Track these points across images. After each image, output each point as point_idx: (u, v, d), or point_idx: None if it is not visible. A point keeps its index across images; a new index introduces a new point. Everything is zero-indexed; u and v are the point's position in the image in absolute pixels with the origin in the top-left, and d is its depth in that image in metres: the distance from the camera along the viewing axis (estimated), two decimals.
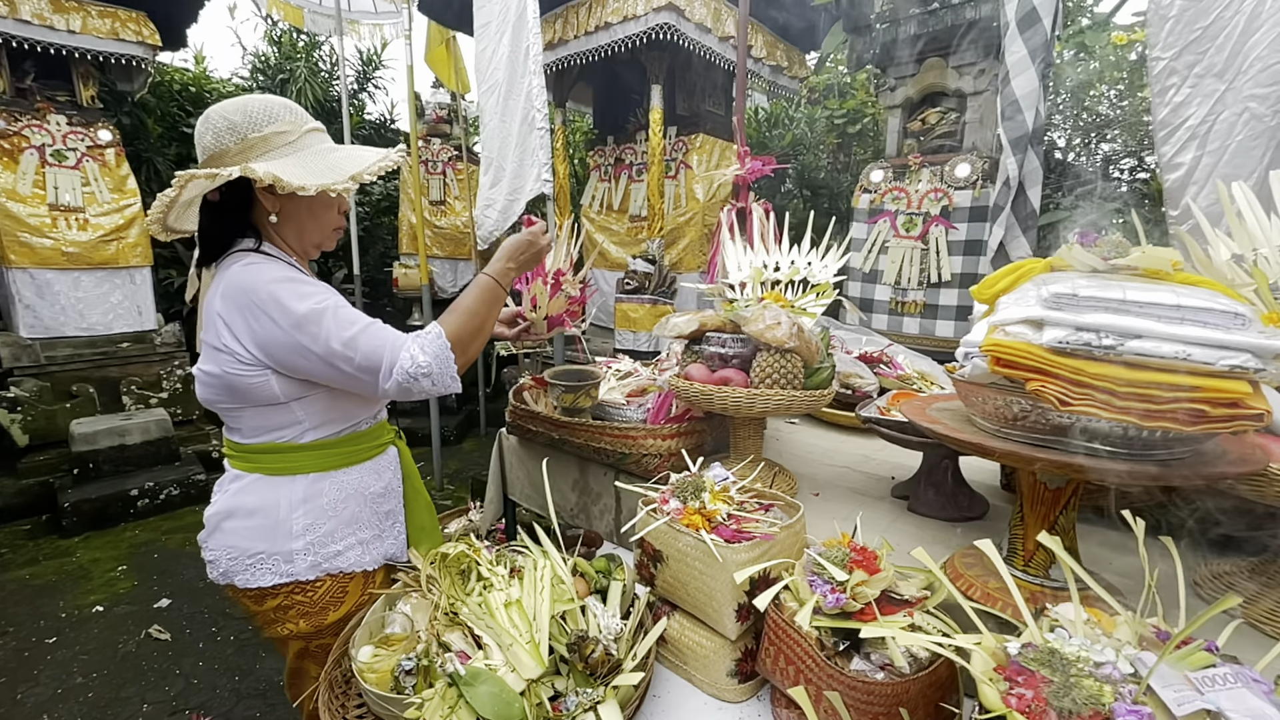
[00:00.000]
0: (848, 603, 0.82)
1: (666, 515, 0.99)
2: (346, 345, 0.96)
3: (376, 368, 0.97)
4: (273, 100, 1.02)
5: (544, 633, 0.86)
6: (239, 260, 1.00)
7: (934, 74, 2.86)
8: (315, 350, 0.95)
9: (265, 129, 0.99)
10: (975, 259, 2.77)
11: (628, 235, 4.37)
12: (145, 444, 3.79)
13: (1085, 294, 0.69)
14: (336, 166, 0.99)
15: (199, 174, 0.92)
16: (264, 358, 0.97)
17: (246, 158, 0.98)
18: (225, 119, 0.98)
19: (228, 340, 0.97)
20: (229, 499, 1.06)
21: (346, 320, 0.97)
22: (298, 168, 0.96)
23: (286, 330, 0.95)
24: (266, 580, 1.07)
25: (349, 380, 0.99)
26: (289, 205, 1.04)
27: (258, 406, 1.02)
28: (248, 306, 0.95)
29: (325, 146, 1.04)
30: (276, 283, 0.96)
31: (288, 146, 1.00)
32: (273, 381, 0.99)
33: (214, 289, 0.99)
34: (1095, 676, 0.60)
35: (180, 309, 5.24)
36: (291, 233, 1.08)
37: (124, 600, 2.73)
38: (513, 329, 1.55)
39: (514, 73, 2.77)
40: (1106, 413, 0.67)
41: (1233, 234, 1.04)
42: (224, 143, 0.98)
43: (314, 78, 5.59)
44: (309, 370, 0.98)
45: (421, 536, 1.28)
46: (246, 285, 0.96)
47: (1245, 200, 1.04)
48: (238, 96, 1.05)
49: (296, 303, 0.95)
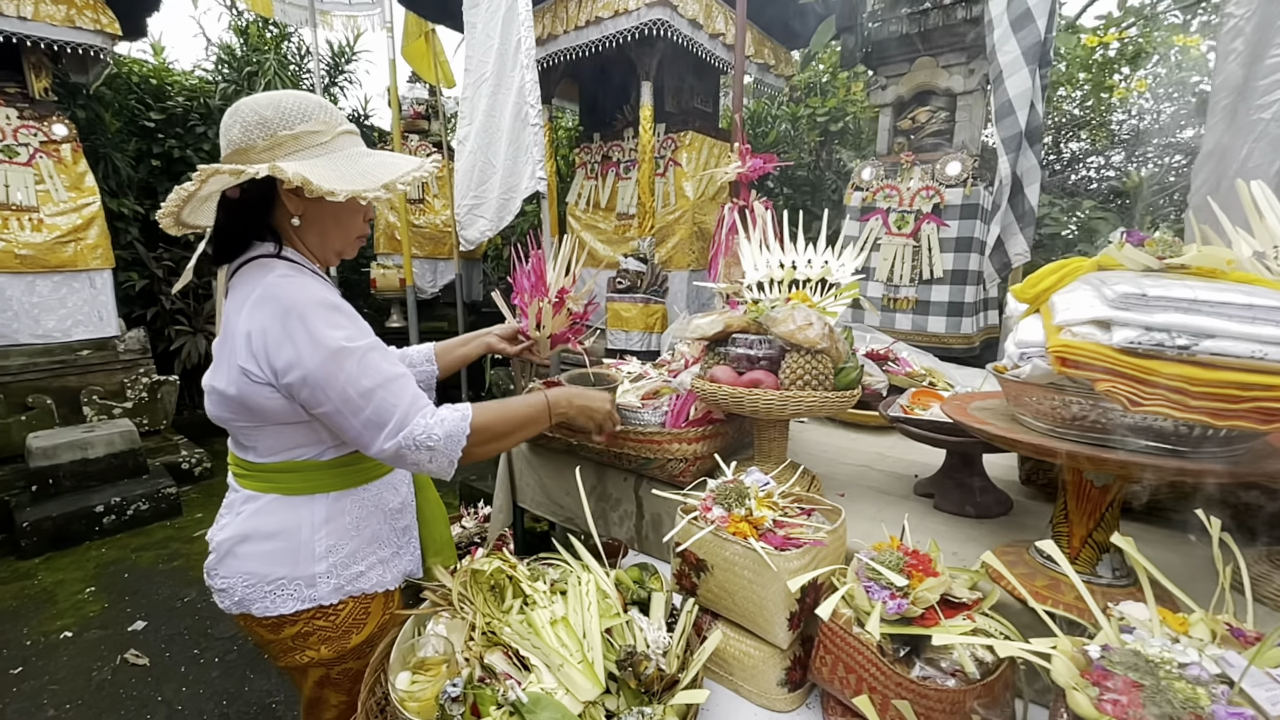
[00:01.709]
0: (908, 608, 0.81)
1: (711, 524, 0.96)
2: (363, 395, 0.90)
3: (383, 425, 0.91)
4: (307, 98, 0.95)
5: (597, 651, 0.83)
6: (270, 269, 0.94)
7: (924, 73, 2.90)
8: (330, 388, 0.89)
9: (297, 127, 0.92)
10: (966, 255, 2.82)
11: (615, 233, 4.33)
12: (110, 457, 3.59)
13: (1154, 294, 0.69)
14: (369, 173, 0.93)
15: (224, 169, 0.86)
16: (274, 377, 0.90)
17: (275, 155, 0.91)
18: (256, 113, 0.91)
19: (250, 355, 0.90)
20: (245, 522, 0.99)
21: (371, 368, 0.91)
22: (328, 171, 0.90)
23: (308, 354, 0.88)
24: (288, 607, 1.00)
25: (346, 427, 0.92)
26: (313, 209, 0.98)
27: (277, 425, 0.96)
28: (279, 319, 0.89)
29: (357, 150, 0.98)
30: (315, 304, 0.90)
31: (319, 147, 0.94)
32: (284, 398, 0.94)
33: (241, 301, 0.92)
34: (1184, 678, 0.59)
35: (144, 314, 4.99)
36: (314, 238, 1.02)
37: (94, 624, 2.58)
38: (514, 345, 1.50)
39: (504, 66, 2.70)
40: (1179, 413, 0.67)
41: (1253, 231, 1.06)
42: (252, 138, 0.91)
43: (283, 70, 5.38)
44: (311, 402, 0.91)
45: (440, 550, 1.23)
46: (282, 299, 0.89)
47: (1264, 197, 1.07)
48: (271, 91, 0.98)
49: (330, 331, 0.89)
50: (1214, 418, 0.66)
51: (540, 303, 1.52)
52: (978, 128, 2.94)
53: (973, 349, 2.92)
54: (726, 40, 3.73)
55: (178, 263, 5.18)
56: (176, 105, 5.26)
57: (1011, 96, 2.18)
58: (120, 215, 4.75)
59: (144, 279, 4.96)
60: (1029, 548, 1.00)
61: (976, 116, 2.91)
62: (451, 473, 0.99)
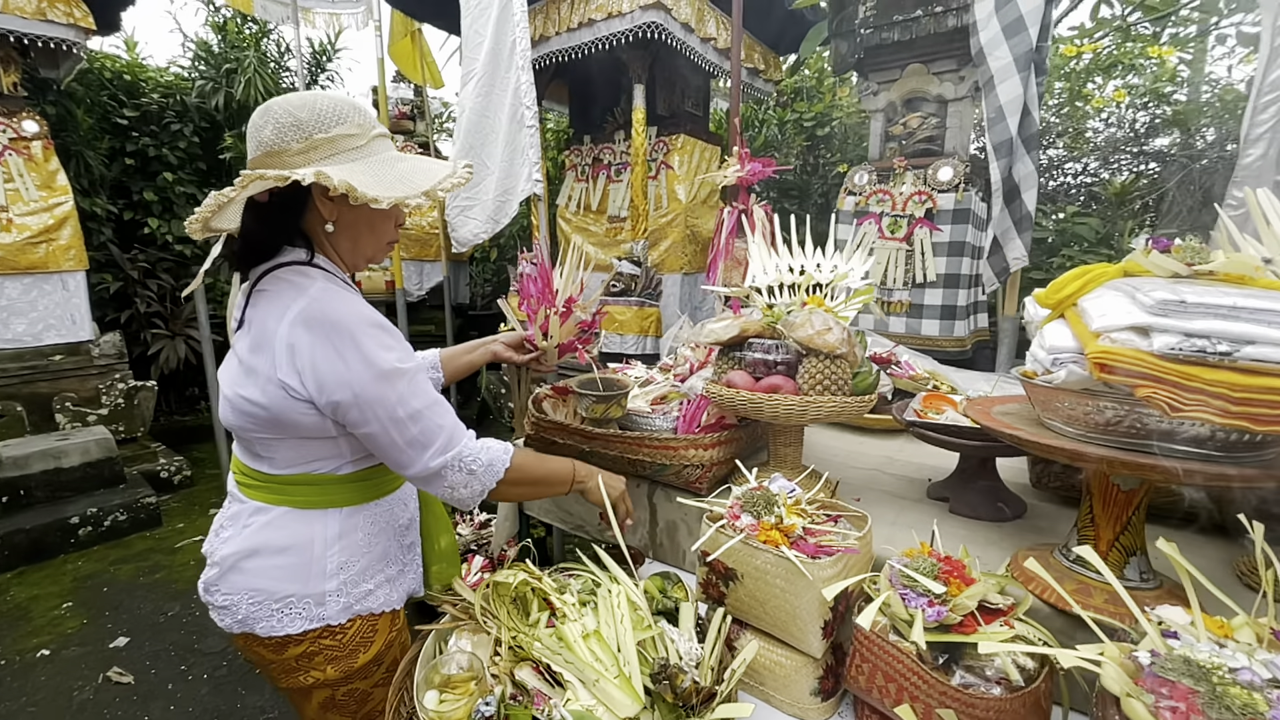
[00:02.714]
0: (947, 615, 0.80)
1: (741, 532, 0.95)
2: (411, 417, 0.91)
3: (428, 445, 0.93)
4: (342, 99, 0.93)
5: (634, 665, 0.81)
6: (308, 279, 0.91)
7: (915, 79, 2.94)
8: (379, 408, 0.89)
9: (333, 130, 0.89)
10: (958, 260, 2.86)
11: (606, 236, 4.31)
12: (85, 466, 3.46)
13: (1193, 301, 0.70)
14: (406, 178, 0.91)
15: (269, 174, 0.82)
16: (316, 394, 0.88)
17: (310, 159, 0.88)
18: (290, 114, 0.88)
19: (293, 371, 0.88)
20: (253, 535, 0.95)
21: (420, 389, 0.93)
22: (367, 176, 0.87)
23: (359, 375, 0.88)
24: (295, 627, 0.96)
25: (388, 445, 0.92)
26: (347, 214, 0.95)
27: (302, 439, 0.93)
28: (329, 338, 0.87)
29: (391, 154, 0.95)
30: (366, 324, 0.90)
31: (355, 151, 0.91)
32: (321, 416, 0.91)
33: (278, 311, 0.89)
34: (1238, 684, 0.60)
35: (118, 317, 4.83)
36: (346, 244, 0.99)
37: (74, 641, 2.47)
38: (521, 355, 1.47)
39: (498, 67, 2.67)
40: (1219, 419, 0.68)
41: (1261, 239, 1.09)
42: (286, 140, 0.88)
43: (263, 68, 5.26)
44: (357, 422, 0.91)
45: (445, 565, 1.19)
46: (332, 317, 0.88)
47: (1272, 206, 1.09)
48: (301, 91, 0.96)
49: (381, 352, 0.89)
50: (1254, 423, 0.67)
51: (547, 311, 1.50)
52: (967, 134, 2.99)
53: (965, 351, 2.96)
54: (718, 44, 3.75)
55: (153, 264, 5.03)
56: (151, 102, 5.10)
57: (1003, 103, 2.22)
58: (93, 215, 4.59)
59: (118, 281, 4.80)
60: (1054, 551, 1.01)
61: (966, 123, 2.95)
62: (476, 504, 1.00)
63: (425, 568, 1.17)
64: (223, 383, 0.94)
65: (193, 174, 5.31)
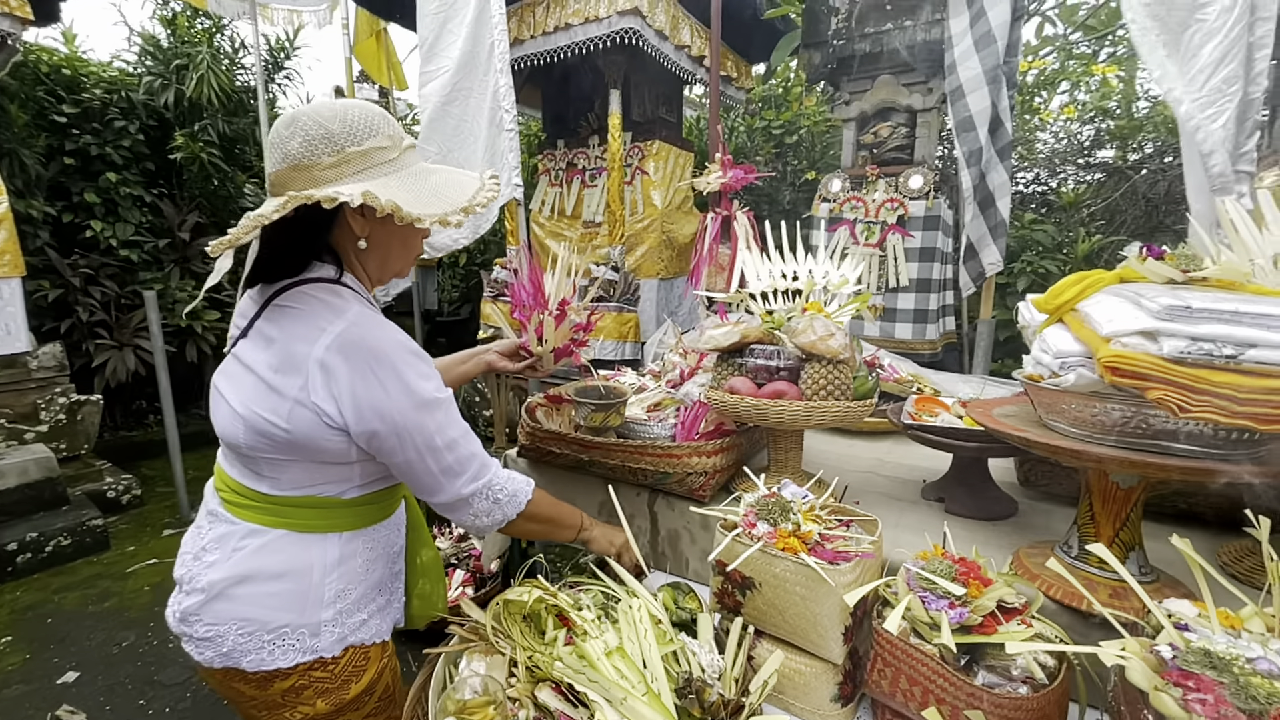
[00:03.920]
0: (969, 617, 0.82)
1: (758, 540, 0.95)
2: (448, 445, 0.90)
3: (460, 473, 0.93)
4: (371, 109, 0.89)
5: (662, 681, 0.79)
6: (341, 300, 0.87)
7: (886, 90, 3.03)
8: (418, 437, 0.88)
9: (365, 143, 0.85)
10: (929, 265, 2.96)
11: (581, 241, 4.28)
12: (24, 487, 3.21)
13: (1198, 306, 0.73)
14: (441, 193, 0.87)
15: (318, 196, 0.78)
16: (354, 422, 0.85)
17: (341, 173, 0.84)
18: (321, 126, 0.83)
19: (330, 397, 0.84)
20: (246, 559, 0.89)
21: (454, 418, 0.93)
22: (406, 193, 0.84)
23: (400, 404, 0.85)
24: (287, 660, 0.90)
25: (421, 472, 0.91)
26: (379, 230, 0.91)
27: (317, 462, 0.88)
28: (369, 366, 0.84)
29: (421, 167, 0.92)
30: (406, 352, 0.87)
31: (388, 165, 0.87)
32: (350, 442, 0.88)
33: (309, 332, 0.84)
34: (1258, 673, 0.62)
35: (58, 326, 4.51)
36: (375, 260, 0.96)
37: (16, 679, 2.28)
38: (516, 363, 1.44)
39: (475, 70, 2.62)
40: (1225, 419, 0.71)
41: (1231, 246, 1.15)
42: (316, 153, 0.83)
43: (217, 64, 5.02)
44: (392, 450, 0.89)
45: (429, 581, 1.14)
46: (372, 344, 0.85)
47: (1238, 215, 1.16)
48: (330, 100, 0.91)
49: (422, 382, 0.88)
50: (1257, 422, 0.70)
51: (541, 315, 1.46)
52: (935, 144, 3.10)
53: (936, 354, 3.06)
54: (692, 52, 3.78)
55: (96, 270, 4.73)
56: (93, 99, 4.80)
57: (973, 112, 2.30)
58: (28, 218, 4.28)
59: (58, 288, 4.49)
60: (1054, 548, 1.04)
61: (934, 133, 3.06)
62: (487, 533, 0.98)
63: (408, 589, 1.11)
64: (230, 397, 0.88)
65: (139, 174, 5.01)
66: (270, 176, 0.87)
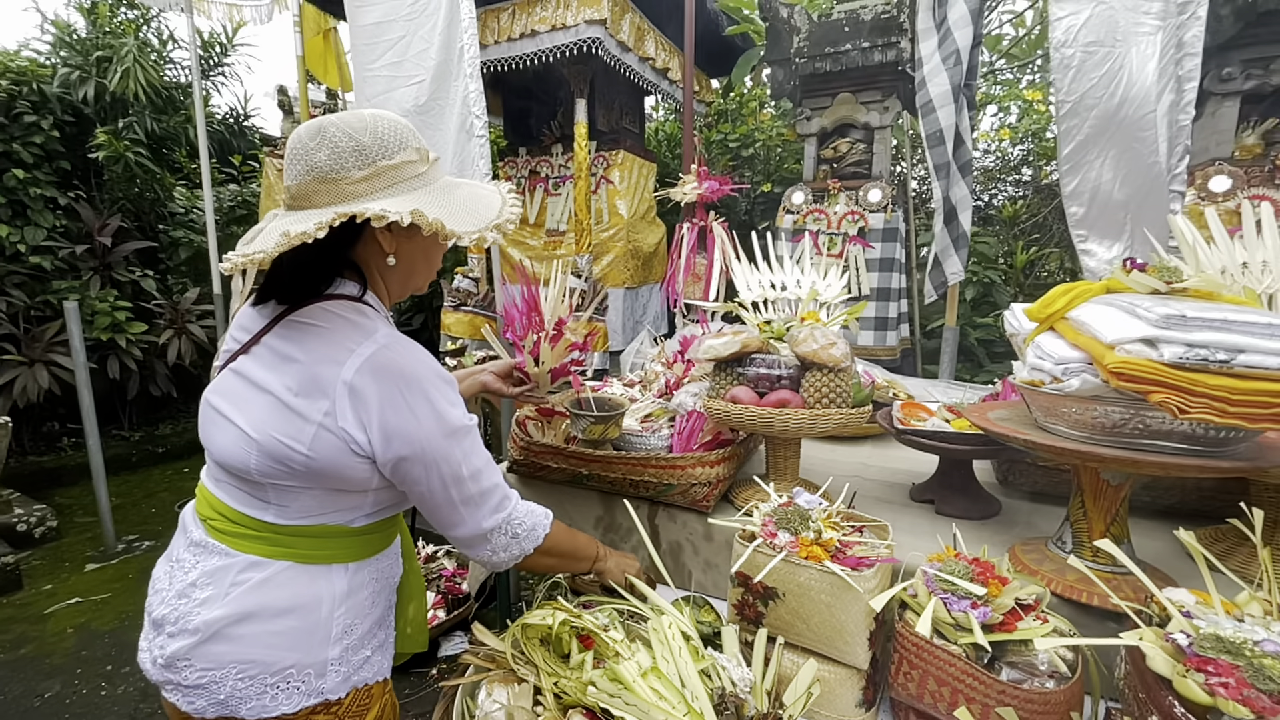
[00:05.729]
0: (991, 615, 0.84)
1: (780, 550, 0.95)
2: (472, 475, 0.87)
3: (482, 504, 0.90)
4: (397, 121, 0.84)
5: (703, 700, 0.78)
6: (368, 320, 0.83)
7: (845, 107, 3.16)
8: (444, 466, 0.83)
9: (396, 156, 0.81)
10: (889, 274, 3.10)
11: (544, 249, 4.23)
12: None
13: (1193, 315, 0.79)
14: (471, 209, 0.83)
15: (369, 212, 0.73)
16: (382, 448, 0.80)
17: (372, 186, 0.79)
18: (350, 138, 0.78)
19: (359, 425, 0.79)
20: (247, 595, 0.81)
21: (479, 447, 0.89)
22: (437, 208, 0.79)
23: (430, 432, 0.81)
24: (291, 704, 0.82)
25: (443, 503, 0.87)
26: (406, 246, 0.87)
27: (335, 490, 0.82)
28: (400, 391, 0.80)
29: (447, 181, 0.88)
30: (437, 377, 0.83)
31: (417, 179, 0.82)
32: (375, 470, 0.83)
33: (334, 354, 0.79)
34: (1269, 655, 0.67)
35: None
36: (400, 277, 0.91)
37: None
38: (512, 386, 1.39)
39: (446, 75, 2.55)
40: (1219, 419, 0.77)
41: (1185, 259, 1.26)
42: (345, 166, 0.78)
43: (144, 57, 4.67)
44: (417, 479, 0.84)
45: (416, 615, 1.08)
46: (403, 367, 0.80)
47: (1188, 231, 1.27)
48: (354, 110, 0.85)
49: (451, 409, 0.84)
50: (1248, 422, 0.77)
51: (536, 335, 1.42)
52: (889, 159, 3.26)
53: (895, 360, 3.20)
54: (655, 64, 3.83)
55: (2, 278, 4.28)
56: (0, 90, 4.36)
57: (942, 127, 2.42)
58: None
59: None
60: (1047, 543, 1.10)
61: (890, 149, 3.22)
62: (502, 568, 0.97)
63: (398, 616, 1.05)
64: (237, 419, 0.80)
65: (52, 174, 4.58)
66: (290, 189, 0.81)
